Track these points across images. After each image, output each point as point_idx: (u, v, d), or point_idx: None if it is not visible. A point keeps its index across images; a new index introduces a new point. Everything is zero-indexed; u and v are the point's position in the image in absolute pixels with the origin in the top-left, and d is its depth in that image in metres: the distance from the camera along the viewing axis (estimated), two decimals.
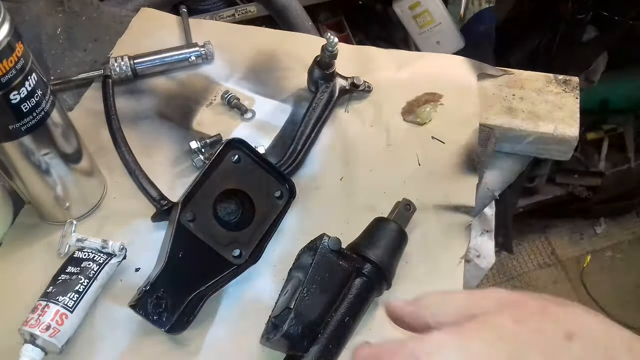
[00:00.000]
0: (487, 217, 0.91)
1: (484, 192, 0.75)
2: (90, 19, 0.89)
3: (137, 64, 0.79)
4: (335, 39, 0.71)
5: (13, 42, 0.50)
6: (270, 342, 0.53)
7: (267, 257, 0.63)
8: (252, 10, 1.51)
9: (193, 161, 0.71)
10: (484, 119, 0.76)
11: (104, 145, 0.73)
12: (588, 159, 1.79)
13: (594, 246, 1.97)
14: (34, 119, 0.54)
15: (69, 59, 0.84)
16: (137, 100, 0.79)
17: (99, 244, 0.60)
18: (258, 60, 0.84)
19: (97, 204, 0.68)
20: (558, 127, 0.75)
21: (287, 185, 0.64)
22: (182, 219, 0.57)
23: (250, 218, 0.61)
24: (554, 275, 1.92)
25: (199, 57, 0.82)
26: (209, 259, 0.58)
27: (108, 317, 0.60)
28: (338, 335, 0.53)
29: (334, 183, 0.71)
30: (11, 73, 0.50)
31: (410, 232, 0.62)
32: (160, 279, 0.55)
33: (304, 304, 0.52)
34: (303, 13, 0.94)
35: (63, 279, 0.57)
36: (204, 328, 0.59)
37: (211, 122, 0.77)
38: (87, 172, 0.66)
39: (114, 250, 0.60)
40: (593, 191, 1.82)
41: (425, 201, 0.68)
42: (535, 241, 2.00)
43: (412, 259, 0.63)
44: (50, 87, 0.57)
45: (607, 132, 1.82)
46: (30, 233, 0.66)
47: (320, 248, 0.55)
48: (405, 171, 0.71)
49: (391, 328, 0.59)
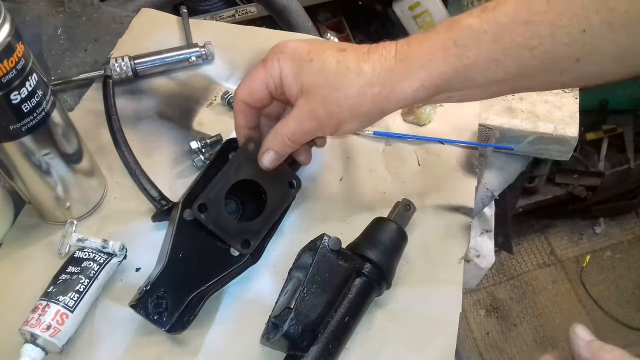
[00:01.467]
0: (486, 217, 0.91)
1: (483, 192, 0.75)
2: (90, 20, 0.89)
3: (137, 64, 0.79)
4: (335, 39, 0.71)
5: (14, 43, 0.50)
6: (271, 342, 0.53)
7: (267, 257, 0.63)
8: (253, 11, 1.51)
9: (193, 161, 0.71)
10: (484, 119, 0.76)
11: (104, 146, 0.73)
12: (588, 159, 1.80)
13: (594, 246, 1.98)
14: (34, 119, 0.54)
15: (70, 59, 0.84)
16: (137, 101, 0.79)
17: (100, 244, 0.60)
18: (258, 60, 0.83)
19: (97, 204, 0.68)
20: (558, 127, 0.75)
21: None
22: (183, 217, 0.58)
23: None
24: (553, 275, 1.92)
25: (199, 58, 0.82)
26: (210, 259, 0.59)
27: (108, 317, 0.60)
28: (338, 335, 0.53)
29: (334, 183, 0.71)
30: (12, 73, 0.50)
31: (410, 232, 0.62)
32: (161, 279, 0.55)
33: (304, 303, 0.52)
34: (303, 13, 0.95)
35: (64, 279, 0.57)
36: (204, 328, 0.59)
37: (211, 122, 0.77)
38: (88, 172, 0.66)
39: (115, 250, 0.60)
40: (592, 191, 1.83)
41: (425, 201, 0.68)
42: (534, 241, 2.00)
43: (412, 259, 0.63)
44: (50, 88, 0.57)
45: (606, 132, 1.82)
46: (31, 233, 0.66)
47: (320, 248, 0.55)
48: (405, 171, 0.71)
49: (392, 328, 0.59)
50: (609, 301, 1.84)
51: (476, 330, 1.82)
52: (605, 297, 1.86)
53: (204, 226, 0.58)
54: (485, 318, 1.85)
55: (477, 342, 1.80)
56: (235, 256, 0.60)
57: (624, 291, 1.87)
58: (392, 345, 0.58)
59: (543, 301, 1.86)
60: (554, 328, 1.80)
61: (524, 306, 1.86)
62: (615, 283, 1.89)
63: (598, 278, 1.91)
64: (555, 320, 1.82)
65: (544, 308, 1.85)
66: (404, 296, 0.61)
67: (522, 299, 1.87)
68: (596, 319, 1.81)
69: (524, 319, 1.83)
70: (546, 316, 1.83)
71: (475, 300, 1.88)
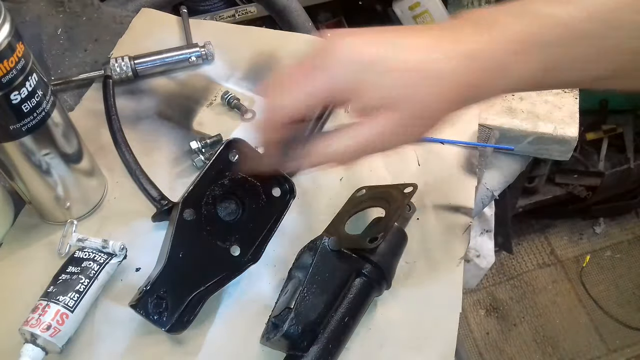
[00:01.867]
0: (487, 217, 0.91)
1: (483, 192, 0.75)
2: (90, 20, 0.89)
3: (137, 64, 0.79)
4: None
5: (14, 43, 0.50)
6: (270, 342, 0.53)
7: (267, 257, 0.63)
8: (252, 11, 1.51)
9: (193, 161, 0.71)
10: (484, 119, 0.76)
11: (104, 146, 0.73)
12: (587, 159, 1.80)
13: (594, 246, 1.98)
14: (34, 119, 0.54)
15: (70, 59, 0.84)
16: (137, 101, 0.79)
17: (100, 244, 0.60)
18: (258, 60, 0.84)
19: (97, 204, 0.68)
20: (558, 127, 0.75)
21: (287, 185, 0.64)
22: (183, 217, 0.58)
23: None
24: (553, 275, 1.92)
25: (199, 58, 0.82)
26: (210, 259, 0.58)
27: (108, 317, 0.60)
28: (338, 335, 0.53)
29: (334, 183, 0.71)
30: (12, 73, 0.50)
31: (410, 232, 0.62)
32: (161, 279, 0.55)
33: (304, 303, 0.52)
34: (303, 13, 0.95)
35: (64, 279, 0.57)
36: (204, 328, 0.59)
37: (211, 122, 0.77)
38: (88, 172, 0.66)
39: (115, 250, 0.60)
40: (592, 191, 1.83)
41: (425, 201, 0.68)
42: (534, 241, 2.00)
43: (412, 259, 0.63)
44: (50, 88, 0.57)
45: (606, 132, 1.82)
46: (31, 233, 0.66)
47: (320, 248, 0.55)
48: (405, 171, 0.71)
49: (392, 328, 0.59)
50: (609, 301, 1.84)
51: (476, 330, 1.82)
52: (606, 297, 1.86)
53: (204, 226, 0.58)
54: (485, 318, 1.85)
55: (477, 342, 1.80)
56: (235, 256, 0.60)
57: (624, 291, 1.87)
58: (392, 345, 0.58)
59: (543, 301, 1.86)
60: (554, 328, 1.80)
61: (524, 306, 1.86)
62: (616, 283, 1.89)
63: (598, 278, 1.91)
64: (555, 320, 1.82)
65: (544, 308, 1.85)
66: (404, 296, 0.61)
67: (522, 299, 1.87)
68: (596, 319, 1.81)
69: (524, 319, 1.83)
70: (546, 316, 1.83)
71: (475, 300, 1.88)
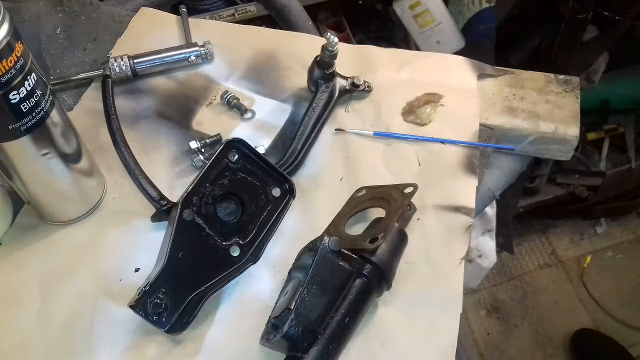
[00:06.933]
0: (488, 216, 0.91)
1: (484, 192, 0.75)
2: (89, 19, 0.89)
3: (136, 64, 0.79)
4: (335, 38, 0.71)
5: (12, 42, 0.50)
6: (270, 342, 0.53)
7: (267, 257, 0.63)
8: (252, 10, 1.51)
9: (193, 161, 0.71)
10: (485, 119, 0.76)
11: (103, 145, 0.73)
12: (589, 159, 1.79)
13: (595, 246, 1.98)
14: (33, 119, 0.54)
15: (69, 59, 0.84)
16: (136, 100, 0.79)
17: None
18: (258, 60, 0.84)
19: (96, 203, 0.68)
20: (558, 127, 0.75)
21: (287, 185, 0.64)
22: (182, 217, 0.57)
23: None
24: (554, 275, 1.92)
25: (198, 57, 0.82)
26: (209, 259, 0.58)
27: (107, 317, 0.59)
28: (338, 336, 0.53)
29: (334, 183, 0.70)
30: (11, 73, 0.50)
31: (410, 232, 0.62)
32: (160, 279, 0.55)
33: (304, 304, 0.52)
34: (303, 13, 0.94)
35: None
36: (203, 328, 0.59)
37: (211, 122, 0.77)
38: (87, 172, 0.66)
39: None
40: (594, 191, 1.82)
41: (426, 201, 0.67)
42: (535, 241, 2.00)
43: (413, 259, 0.63)
44: (49, 87, 0.56)
45: (607, 132, 1.82)
46: (30, 233, 0.66)
47: (321, 249, 0.55)
48: (405, 171, 0.71)
49: (392, 328, 0.59)
50: (610, 301, 1.84)
51: (477, 331, 1.82)
52: (607, 297, 1.85)
53: (203, 226, 0.58)
54: (486, 318, 1.84)
55: (477, 342, 1.79)
56: (235, 256, 0.59)
57: (625, 291, 1.87)
58: (392, 345, 0.58)
59: (544, 302, 1.86)
60: (555, 329, 1.80)
61: (524, 307, 1.85)
62: (617, 283, 1.89)
63: (599, 278, 1.90)
64: (556, 321, 1.81)
65: (545, 308, 1.84)
66: (404, 297, 0.61)
67: (523, 300, 1.87)
68: (597, 320, 1.80)
69: (524, 319, 1.83)
70: (547, 317, 1.82)
71: (476, 301, 1.87)
